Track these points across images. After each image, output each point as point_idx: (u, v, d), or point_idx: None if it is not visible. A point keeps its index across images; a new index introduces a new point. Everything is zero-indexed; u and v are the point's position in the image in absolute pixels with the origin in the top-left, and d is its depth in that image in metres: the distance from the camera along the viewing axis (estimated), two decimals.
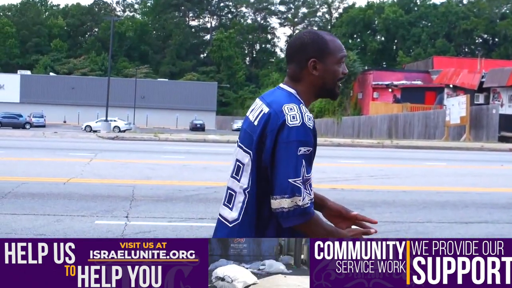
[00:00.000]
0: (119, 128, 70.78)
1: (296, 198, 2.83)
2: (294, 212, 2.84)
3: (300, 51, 3.06)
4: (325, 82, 3.06)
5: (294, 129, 2.85)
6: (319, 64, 3.03)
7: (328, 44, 3.05)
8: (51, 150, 25.07)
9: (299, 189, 2.83)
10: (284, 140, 2.85)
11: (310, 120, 2.90)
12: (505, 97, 46.72)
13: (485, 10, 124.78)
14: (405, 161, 24.10)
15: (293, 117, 2.88)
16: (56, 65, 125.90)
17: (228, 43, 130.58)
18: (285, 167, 2.84)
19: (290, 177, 2.83)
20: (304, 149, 2.85)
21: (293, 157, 2.84)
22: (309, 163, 2.90)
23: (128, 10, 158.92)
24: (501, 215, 11.58)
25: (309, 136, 2.88)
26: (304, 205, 2.84)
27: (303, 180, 2.84)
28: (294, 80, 3.07)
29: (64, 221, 9.95)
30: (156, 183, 14.90)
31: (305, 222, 2.87)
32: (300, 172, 2.84)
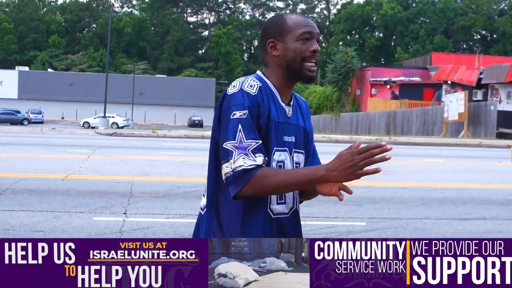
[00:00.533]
0: (117, 124, 70.80)
1: (229, 163, 2.73)
2: (230, 178, 2.74)
3: (263, 35, 3.01)
4: (288, 61, 2.93)
5: (232, 96, 2.81)
6: (278, 44, 2.94)
7: (286, 21, 2.95)
8: (49, 147, 25.07)
9: (230, 152, 2.73)
10: (224, 109, 2.82)
11: (251, 87, 2.82)
12: (503, 93, 46.73)
13: (483, 6, 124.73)
14: (404, 158, 24.10)
15: (234, 86, 2.84)
16: (54, 61, 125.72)
17: (226, 39, 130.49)
18: (222, 134, 2.80)
19: (225, 141, 2.77)
20: (240, 112, 2.75)
21: (228, 121, 2.77)
22: (250, 128, 2.75)
23: (126, 6, 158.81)
24: (499, 211, 11.60)
25: (245, 100, 2.77)
26: (236, 168, 2.71)
27: (240, 145, 2.73)
28: (265, 65, 3.02)
29: (62, 217, 9.95)
30: (155, 180, 14.91)
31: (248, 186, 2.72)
32: (235, 136, 2.74)
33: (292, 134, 3.00)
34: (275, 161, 2.88)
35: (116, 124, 70.10)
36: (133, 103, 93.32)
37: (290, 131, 2.98)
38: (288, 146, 2.96)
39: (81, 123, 74.64)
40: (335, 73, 63.11)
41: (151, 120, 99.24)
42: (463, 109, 42.03)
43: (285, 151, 2.94)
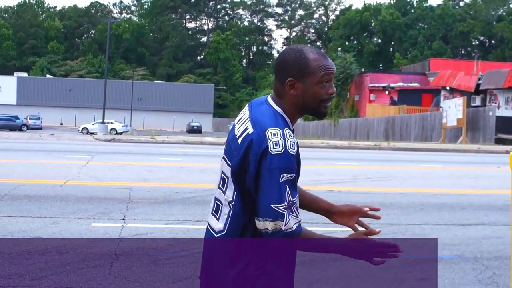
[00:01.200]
0: (116, 130, 70.79)
1: (279, 223, 2.82)
2: (277, 234, 2.85)
3: (281, 69, 2.99)
4: (306, 101, 2.99)
5: (277, 157, 2.82)
6: (297, 83, 2.95)
7: (309, 63, 2.96)
8: (48, 152, 25.06)
9: (282, 215, 2.82)
10: (267, 167, 2.83)
11: (293, 146, 2.86)
12: (501, 99, 46.76)
13: (482, 12, 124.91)
14: (402, 163, 24.11)
15: (276, 143, 2.84)
16: (53, 67, 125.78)
17: (225, 45, 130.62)
18: (268, 193, 2.83)
19: (272, 203, 2.82)
20: (287, 175, 2.82)
21: (276, 184, 2.82)
22: (294, 188, 2.86)
23: (125, 12, 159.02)
24: (498, 217, 11.59)
25: (291, 163, 2.84)
26: (287, 229, 2.83)
27: (288, 205, 2.83)
28: (278, 96, 3.03)
29: (60, 223, 9.94)
30: (153, 185, 14.90)
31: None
32: (284, 198, 2.82)
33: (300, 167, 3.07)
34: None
35: (115, 130, 70.08)
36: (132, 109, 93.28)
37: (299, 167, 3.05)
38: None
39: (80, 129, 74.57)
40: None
41: (149, 126, 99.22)
42: (462, 115, 42.06)
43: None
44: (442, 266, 8.05)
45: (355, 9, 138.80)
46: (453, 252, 8.83)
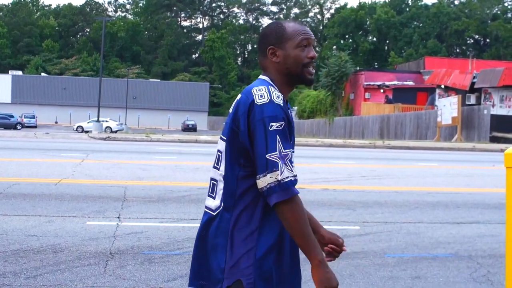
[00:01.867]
0: (111, 128, 70.71)
1: (274, 173, 2.86)
2: (275, 188, 2.87)
3: (262, 42, 3.15)
4: (289, 68, 3.09)
5: (263, 106, 2.91)
6: (278, 50, 3.08)
7: (286, 30, 3.09)
8: (42, 151, 25.03)
9: (276, 163, 2.86)
10: (256, 119, 2.90)
11: (278, 98, 2.94)
12: (496, 97, 46.82)
13: (477, 11, 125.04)
14: (397, 162, 24.14)
15: (261, 95, 2.94)
16: (48, 65, 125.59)
17: (220, 43, 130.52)
18: (260, 144, 2.89)
19: (265, 153, 2.87)
20: (276, 124, 2.88)
21: (266, 133, 2.88)
22: (285, 139, 2.90)
23: (120, 10, 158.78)
24: (492, 215, 11.62)
25: (278, 112, 2.90)
26: (283, 179, 2.86)
27: (280, 155, 2.87)
28: (264, 70, 3.15)
29: (55, 222, 9.94)
30: (148, 184, 14.89)
31: (288, 201, 2.88)
32: (276, 147, 2.87)
33: (293, 134, 3.13)
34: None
35: (109, 129, 70.01)
36: (127, 107, 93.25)
37: (293, 132, 3.11)
38: (293, 147, 3.09)
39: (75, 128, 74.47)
40: (329, 77, 63.16)
41: (144, 124, 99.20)
42: (457, 113, 42.11)
43: (293, 152, 3.05)
44: (436, 264, 8.07)
45: (350, 7, 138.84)
46: (448, 250, 8.85)
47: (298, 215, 2.89)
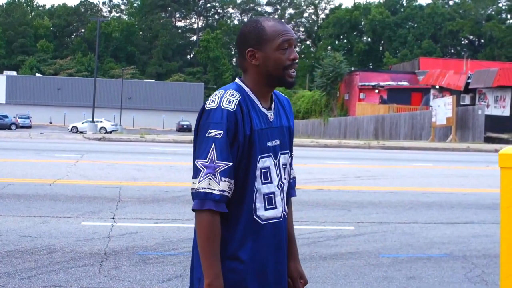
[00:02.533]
0: (106, 129, 70.64)
1: (195, 180, 2.80)
2: (193, 195, 2.81)
3: (241, 42, 3.00)
4: (269, 70, 2.95)
5: (209, 112, 2.84)
6: (257, 52, 2.94)
7: (265, 30, 2.94)
8: (37, 151, 24.99)
9: (198, 171, 2.79)
10: (201, 124, 2.85)
11: (230, 103, 2.83)
12: (490, 98, 46.90)
13: (471, 11, 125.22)
14: (392, 162, 24.17)
15: (212, 101, 2.86)
16: (42, 65, 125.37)
17: (215, 44, 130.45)
18: (196, 149, 2.84)
19: (196, 158, 2.82)
20: (215, 132, 2.79)
21: (202, 138, 2.81)
22: (223, 149, 2.79)
23: (115, 10, 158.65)
24: (486, 215, 11.64)
25: (222, 119, 2.80)
26: (199, 188, 2.78)
27: (210, 165, 2.78)
28: (243, 71, 3.03)
29: (50, 222, 9.92)
30: (143, 184, 14.88)
31: (197, 212, 2.80)
32: (207, 155, 2.78)
33: (276, 137, 3.03)
34: (259, 169, 2.93)
35: (104, 129, 69.94)
36: (122, 107, 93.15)
37: (274, 135, 3.01)
38: (272, 151, 2.99)
39: (69, 128, 74.41)
40: (324, 78, 63.24)
41: (139, 124, 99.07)
42: (451, 114, 42.17)
43: (270, 157, 2.97)
44: (431, 264, 8.08)
45: (344, 8, 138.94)
46: (443, 250, 8.86)
47: (201, 231, 2.80)
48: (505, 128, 43.02)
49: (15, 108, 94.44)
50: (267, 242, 2.97)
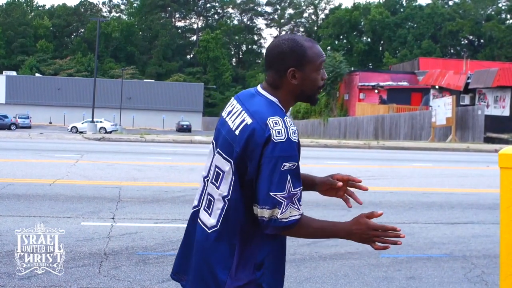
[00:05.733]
0: (105, 129, 70.61)
1: (276, 210, 2.85)
2: (273, 222, 2.88)
3: (279, 60, 3.01)
4: (304, 89, 3.04)
5: (280, 145, 2.84)
6: (298, 73, 3.00)
7: (306, 51, 3.01)
8: (37, 151, 24.97)
9: (280, 203, 2.85)
10: (269, 155, 2.84)
11: (295, 134, 2.89)
12: (490, 98, 46.90)
13: (471, 11, 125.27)
14: (392, 162, 24.16)
15: (279, 132, 2.86)
16: (42, 66, 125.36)
17: (215, 44, 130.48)
18: (268, 181, 2.84)
19: (271, 191, 2.84)
20: (289, 164, 2.84)
21: (277, 172, 2.84)
22: (297, 178, 2.89)
23: (114, 10, 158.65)
24: (486, 215, 11.63)
25: (293, 151, 2.87)
26: (282, 218, 2.87)
27: (288, 195, 2.86)
28: (273, 87, 3.04)
29: (50, 222, 9.91)
30: (143, 184, 14.87)
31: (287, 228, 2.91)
32: (285, 187, 2.85)
33: None
34: None
35: (104, 129, 69.91)
36: (121, 108, 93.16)
37: None
38: None
39: (69, 128, 74.38)
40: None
41: (139, 125, 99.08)
42: (451, 114, 42.17)
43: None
44: (431, 264, 8.08)
45: (344, 8, 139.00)
46: (442, 250, 8.86)
47: (308, 231, 2.98)
48: (505, 128, 43.03)
49: (15, 108, 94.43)
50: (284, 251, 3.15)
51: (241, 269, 2.96)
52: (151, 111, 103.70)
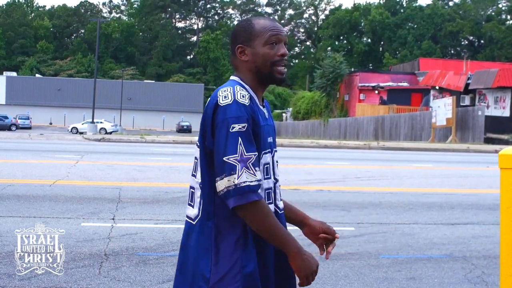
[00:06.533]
0: (106, 129, 70.66)
1: (232, 177, 2.78)
2: (232, 192, 2.79)
3: (232, 40, 3.06)
4: (258, 66, 2.98)
5: (226, 107, 2.83)
6: (246, 49, 2.98)
7: (253, 26, 2.99)
8: (37, 152, 24.97)
9: (234, 166, 2.78)
10: (218, 120, 2.84)
11: (243, 97, 2.86)
12: (490, 98, 46.92)
13: (471, 12, 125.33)
14: (392, 163, 24.16)
15: (225, 96, 2.86)
16: (42, 66, 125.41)
17: (215, 44, 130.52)
18: (220, 146, 2.82)
19: (225, 155, 2.80)
20: (238, 125, 2.80)
21: (227, 134, 2.80)
22: (248, 141, 2.81)
23: (115, 11, 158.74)
24: (486, 216, 11.63)
25: (242, 112, 2.82)
26: (240, 183, 2.78)
27: (242, 159, 2.79)
28: (235, 69, 3.07)
29: (50, 223, 9.90)
30: (143, 185, 14.87)
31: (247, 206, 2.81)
32: (236, 149, 2.79)
33: (271, 134, 3.08)
34: (262, 164, 2.93)
35: (104, 130, 69.95)
36: (122, 108, 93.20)
37: (270, 132, 3.05)
38: (270, 147, 3.03)
39: (69, 129, 74.45)
40: (324, 79, 63.24)
41: (139, 125, 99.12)
42: (451, 114, 42.18)
43: (269, 153, 3.01)
44: (431, 265, 8.08)
45: (344, 8, 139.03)
46: (442, 251, 8.86)
47: (261, 220, 2.83)
48: (505, 128, 43.04)
49: (15, 109, 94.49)
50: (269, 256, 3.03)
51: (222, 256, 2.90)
52: (151, 112, 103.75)
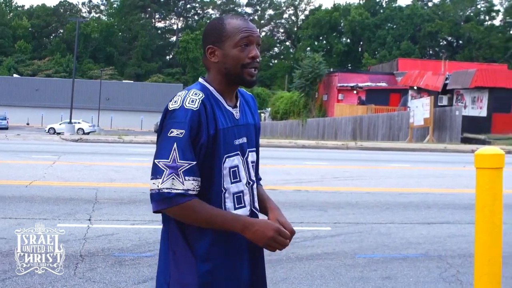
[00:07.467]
0: (83, 130, 70.35)
1: (157, 181, 2.76)
2: (155, 195, 2.78)
3: (203, 40, 2.98)
4: (228, 68, 2.91)
5: (172, 112, 2.80)
6: (217, 50, 2.91)
7: (224, 27, 2.91)
8: (13, 153, 24.80)
9: (161, 171, 2.75)
10: (164, 124, 2.83)
11: (192, 102, 2.80)
12: (468, 99, 47.20)
13: (450, 12, 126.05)
14: (370, 163, 24.23)
15: (175, 101, 2.82)
16: (20, 66, 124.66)
17: (194, 44, 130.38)
18: (156, 148, 2.82)
19: (156, 158, 2.79)
20: (177, 131, 2.76)
21: (164, 138, 2.79)
22: (185, 148, 2.76)
23: (94, 11, 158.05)
24: (462, 215, 11.71)
25: (184, 118, 2.76)
26: (163, 189, 2.75)
27: (173, 165, 2.74)
28: (206, 70, 3.01)
29: (25, 224, 9.84)
30: (120, 186, 14.81)
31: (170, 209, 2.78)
32: (169, 155, 2.75)
33: (243, 135, 3.01)
34: (226, 168, 2.91)
35: (82, 130, 69.65)
36: (100, 108, 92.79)
37: (240, 133, 2.99)
38: (240, 149, 2.97)
39: (47, 129, 74.00)
40: (302, 79, 63.29)
41: (117, 125, 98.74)
42: (429, 115, 42.37)
43: (237, 155, 2.95)
44: (407, 264, 8.11)
45: (324, 9, 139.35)
46: (418, 250, 8.90)
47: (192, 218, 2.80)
48: (482, 128, 43.35)
49: None
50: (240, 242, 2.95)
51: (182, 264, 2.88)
52: (130, 112, 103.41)
